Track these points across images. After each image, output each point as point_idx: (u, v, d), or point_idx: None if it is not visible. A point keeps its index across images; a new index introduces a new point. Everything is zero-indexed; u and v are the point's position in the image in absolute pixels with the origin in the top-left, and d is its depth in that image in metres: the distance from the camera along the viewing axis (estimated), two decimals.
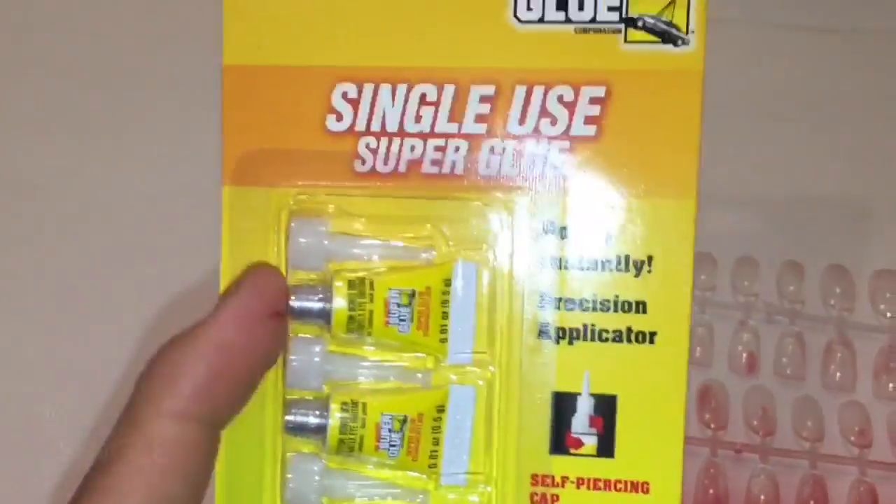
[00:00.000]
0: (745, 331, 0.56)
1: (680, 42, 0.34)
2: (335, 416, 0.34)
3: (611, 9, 0.34)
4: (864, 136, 0.60)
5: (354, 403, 0.34)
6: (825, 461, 0.54)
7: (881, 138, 0.60)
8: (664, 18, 0.34)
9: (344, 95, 0.35)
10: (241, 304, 0.33)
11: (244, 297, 0.33)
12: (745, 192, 0.59)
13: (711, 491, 0.53)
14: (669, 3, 0.34)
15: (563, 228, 0.35)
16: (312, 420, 0.34)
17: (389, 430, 0.34)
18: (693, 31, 0.34)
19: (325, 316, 0.34)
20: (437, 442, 0.34)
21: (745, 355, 0.56)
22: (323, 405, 0.34)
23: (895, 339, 0.56)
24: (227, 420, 0.33)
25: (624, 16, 0.34)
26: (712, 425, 0.55)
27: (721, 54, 0.58)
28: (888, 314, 0.57)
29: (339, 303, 0.34)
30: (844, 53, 0.61)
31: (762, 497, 0.54)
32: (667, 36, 0.34)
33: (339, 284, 0.34)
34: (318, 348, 0.35)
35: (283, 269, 0.35)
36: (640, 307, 0.34)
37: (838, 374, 0.56)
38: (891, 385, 0.55)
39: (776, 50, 0.61)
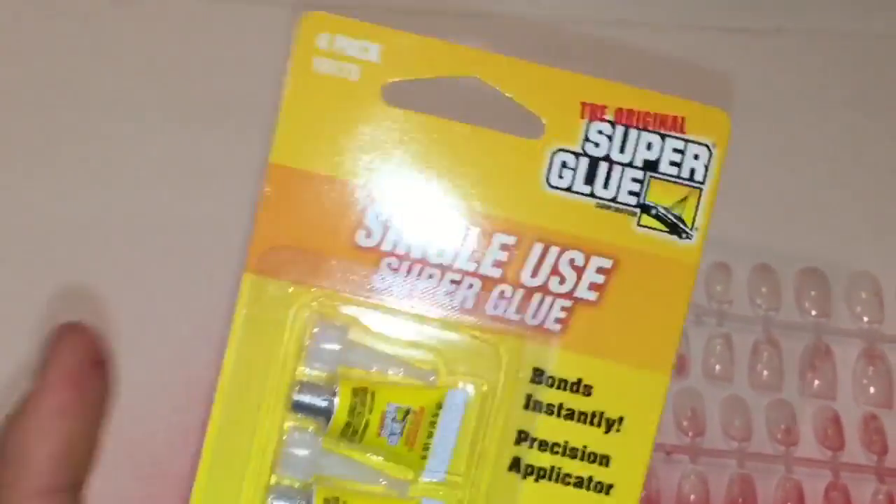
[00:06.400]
0: None
1: (684, 235, 0.38)
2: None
3: (630, 193, 0.38)
4: (789, 135, 0.63)
5: (335, 500, 0.37)
6: (753, 460, 0.57)
7: (806, 137, 0.63)
8: (674, 212, 0.38)
9: (377, 216, 0.38)
10: (64, 364, 0.34)
11: (66, 358, 0.34)
12: None
13: (643, 492, 0.55)
14: (682, 199, 0.38)
15: (551, 378, 0.38)
16: None
17: None
18: (697, 229, 0.38)
19: (325, 415, 0.37)
20: None
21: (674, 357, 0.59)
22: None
23: (820, 337, 0.59)
24: (87, 476, 0.35)
25: (641, 202, 0.38)
26: None
27: (645, 55, 0.62)
28: (813, 312, 0.59)
29: (341, 408, 0.37)
30: (770, 54, 0.65)
31: (692, 497, 0.56)
32: (674, 228, 0.38)
33: (344, 391, 0.37)
34: (312, 442, 0.37)
35: (292, 364, 0.37)
36: (604, 461, 0.38)
37: (765, 372, 0.58)
38: (816, 382, 0.58)
39: (700, 51, 0.64)
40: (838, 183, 0.63)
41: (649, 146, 0.38)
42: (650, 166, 0.38)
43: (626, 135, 0.38)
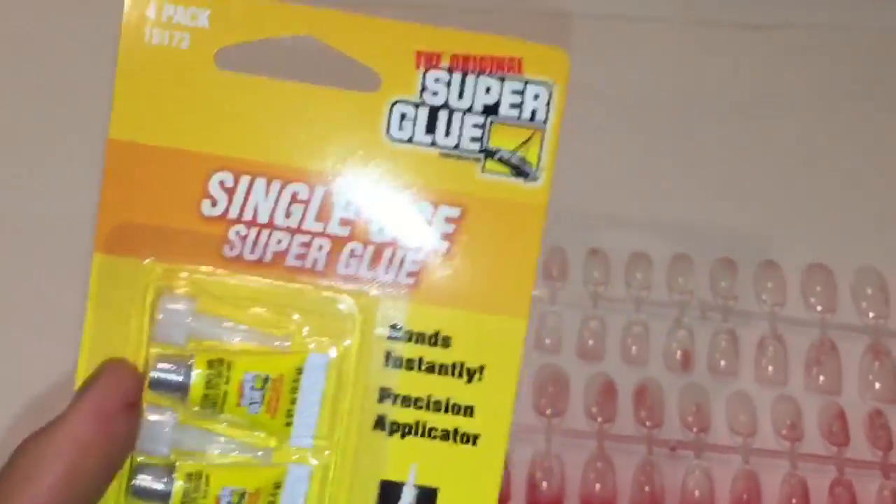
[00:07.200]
0: (680, 328, 0.58)
1: (530, 177, 0.38)
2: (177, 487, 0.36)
3: (473, 139, 0.38)
4: (796, 132, 0.63)
5: (199, 474, 0.37)
6: (758, 456, 0.56)
7: (813, 133, 0.63)
8: (518, 154, 0.38)
9: (221, 183, 0.38)
10: (96, 400, 0.35)
11: (99, 393, 0.35)
12: (677, 188, 0.62)
13: (647, 488, 0.55)
14: (525, 142, 0.38)
15: (409, 332, 0.38)
16: None
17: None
18: (543, 169, 0.38)
19: (182, 390, 0.37)
20: None
21: (679, 353, 0.58)
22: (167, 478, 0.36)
23: (825, 332, 0.59)
24: None
25: (484, 147, 0.38)
26: (648, 423, 0.56)
27: (654, 52, 0.62)
28: (818, 308, 0.59)
29: (197, 380, 0.36)
30: (777, 50, 0.65)
31: (697, 493, 0.55)
32: (519, 170, 0.38)
33: (199, 363, 0.36)
34: (170, 418, 0.37)
35: (147, 341, 0.37)
36: (468, 411, 0.38)
37: (770, 368, 0.58)
38: (821, 378, 0.58)
39: (709, 47, 0.64)
40: (844, 179, 0.63)
41: (488, 90, 0.38)
42: (490, 110, 0.38)
43: (463, 80, 0.38)
